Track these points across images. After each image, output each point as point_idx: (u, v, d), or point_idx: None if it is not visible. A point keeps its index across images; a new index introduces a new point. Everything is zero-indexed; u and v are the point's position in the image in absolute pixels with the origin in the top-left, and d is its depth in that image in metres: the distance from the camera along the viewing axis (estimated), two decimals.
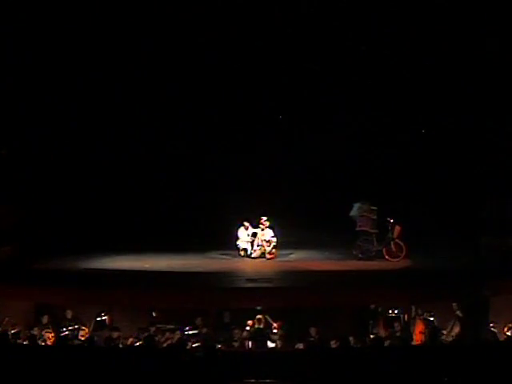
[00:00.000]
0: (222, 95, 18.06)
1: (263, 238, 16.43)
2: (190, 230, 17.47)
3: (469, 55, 16.69)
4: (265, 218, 16.49)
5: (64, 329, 13.41)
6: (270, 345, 12.82)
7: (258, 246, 16.49)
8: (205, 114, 18.32)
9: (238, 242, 16.56)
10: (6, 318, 13.00)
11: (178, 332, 12.97)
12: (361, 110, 18.12)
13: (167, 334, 12.95)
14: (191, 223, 17.68)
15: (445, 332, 13.01)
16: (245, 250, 16.49)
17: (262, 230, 16.47)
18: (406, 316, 13.99)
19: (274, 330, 13.10)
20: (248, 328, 13.20)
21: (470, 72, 16.75)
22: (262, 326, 13.15)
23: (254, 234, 16.60)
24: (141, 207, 18.08)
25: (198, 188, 18.40)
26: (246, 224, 16.64)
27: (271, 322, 13.31)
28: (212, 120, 18.38)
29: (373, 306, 14.01)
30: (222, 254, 16.78)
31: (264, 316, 13.33)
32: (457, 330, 12.91)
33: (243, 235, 16.60)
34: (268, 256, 16.35)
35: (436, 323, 13.33)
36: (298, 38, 17.17)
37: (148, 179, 18.40)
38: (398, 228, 15.77)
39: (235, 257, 16.56)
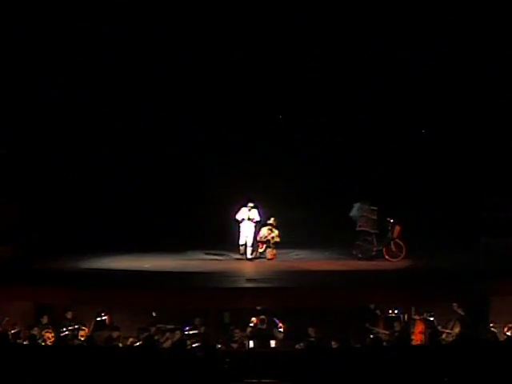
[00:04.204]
0: (221, 94, 18.07)
1: (270, 237, 16.24)
2: (190, 230, 17.47)
3: (468, 54, 16.71)
4: (272, 220, 16.32)
5: (64, 329, 13.40)
6: (273, 344, 12.81)
7: (263, 242, 16.28)
8: (202, 113, 18.31)
9: (240, 241, 16.37)
10: (6, 318, 12.98)
11: (178, 332, 12.97)
12: (361, 110, 18.11)
13: (167, 334, 12.95)
14: (191, 223, 17.67)
15: (445, 332, 13.01)
16: (244, 245, 16.27)
17: (270, 229, 16.31)
18: (405, 316, 13.99)
19: (281, 329, 13.09)
20: (252, 325, 13.20)
21: (470, 72, 16.77)
22: (264, 327, 13.15)
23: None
24: (140, 207, 18.07)
25: (197, 188, 18.38)
26: (250, 205, 16.08)
27: (278, 322, 13.30)
28: (209, 119, 18.36)
29: (373, 306, 14.01)
30: (222, 254, 16.78)
31: (267, 317, 13.31)
32: (457, 330, 12.91)
33: (244, 218, 16.09)
34: (268, 256, 16.30)
35: (436, 323, 13.32)
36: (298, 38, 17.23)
37: (148, 179, 18.38)
38: (397, 228, 15.76)
39: (235, 257, 16.54)
